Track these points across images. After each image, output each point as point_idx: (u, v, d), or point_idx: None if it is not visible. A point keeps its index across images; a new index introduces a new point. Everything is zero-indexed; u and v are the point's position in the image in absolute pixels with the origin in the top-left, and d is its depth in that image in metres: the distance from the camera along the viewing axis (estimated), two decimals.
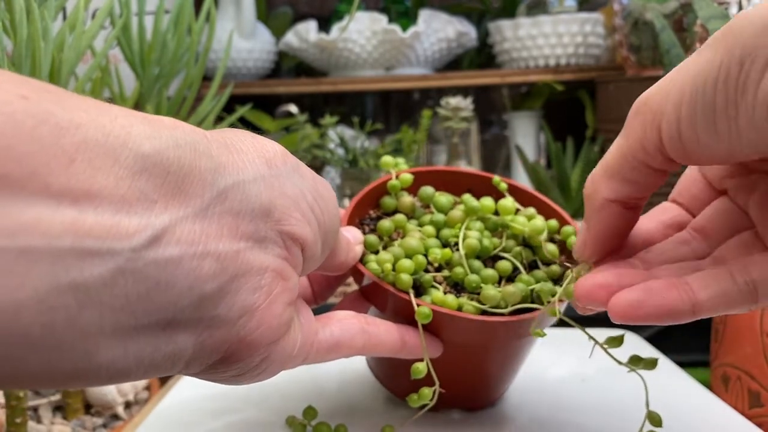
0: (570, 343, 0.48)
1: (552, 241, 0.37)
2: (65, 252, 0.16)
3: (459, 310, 0.32)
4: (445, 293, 0.33)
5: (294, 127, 0.97)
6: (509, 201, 0.37)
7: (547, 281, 0.34)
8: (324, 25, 1.05)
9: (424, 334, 0.32)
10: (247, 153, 0.22)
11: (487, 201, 0.36)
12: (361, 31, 0.98)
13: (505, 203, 0.36)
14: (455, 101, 0.94)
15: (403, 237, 0.35)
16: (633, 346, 0.50)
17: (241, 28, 1.04)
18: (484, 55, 1.18)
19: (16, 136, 0.15)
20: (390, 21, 1.00)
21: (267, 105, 1.10)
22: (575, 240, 0.30)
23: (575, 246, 0.29)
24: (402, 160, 0.39)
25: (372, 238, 0.35)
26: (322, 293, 0.36)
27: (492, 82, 1.03)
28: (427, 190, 0.38)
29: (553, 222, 0.37)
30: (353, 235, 0.33)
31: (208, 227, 0.19)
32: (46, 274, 0.15)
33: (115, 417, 0.58)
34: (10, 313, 0.15)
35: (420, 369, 0.31)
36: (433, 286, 0.34)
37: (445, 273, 0.34)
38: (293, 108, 1.01)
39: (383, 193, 0.38)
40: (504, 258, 0.35)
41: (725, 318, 0.57)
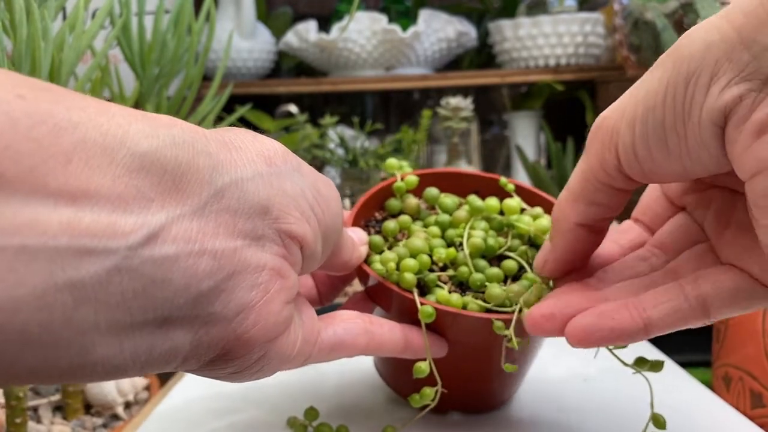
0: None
1: None
2: (62, 251, 0.16)
3: (463, 308, 0.32)
4: (450, 292, 0.33)
5: (294, 127, 0.97)
6: (514, 200, 0.36)
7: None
8: (324, 25, 1.05)
9: (428, 334, 0.32)
10: (247, 151, 0.22)
11: (492, 201, 0.36)
12: (361, 31, 0.98)
13: (510, 203, 0.36)
14: (455, 101, 0.94)
15: (408, 238, 0.35)
16: (634, 346, 0.50)
17: (241, 28, 1.04)
18: (484, 55, 1.18)
19: (13, 135, 0.15)
20: (390, 21, 1.00)
21: (267, 105, 1.10)
22: (537, 254, 0.31)
23: (536, 261, 0.30)
24: (406, 162, 0.39)
25: (377, 238, 0.35)
26: (327, 294, 0.36)
27: (492, 82, 1.03)
28: (432, 191, 0.38)
29: None
30: (358, 236, 0.33)
31: (205, 225, 0.19)
32: (43, 272, 0.16)
33: (115, 417, 0.58)
34: (8, 311, 0.15)
35: (422, 368, 0.31)
36: (438, 285, 0.34)
37: (450, 272, 0.34)
38: (293, 108, 1.01)
39: (388, 196, 0.38)
40: (509, 257, 0.35)
41: (727, 318, 0.57)
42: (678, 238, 0.28)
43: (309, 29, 1.02)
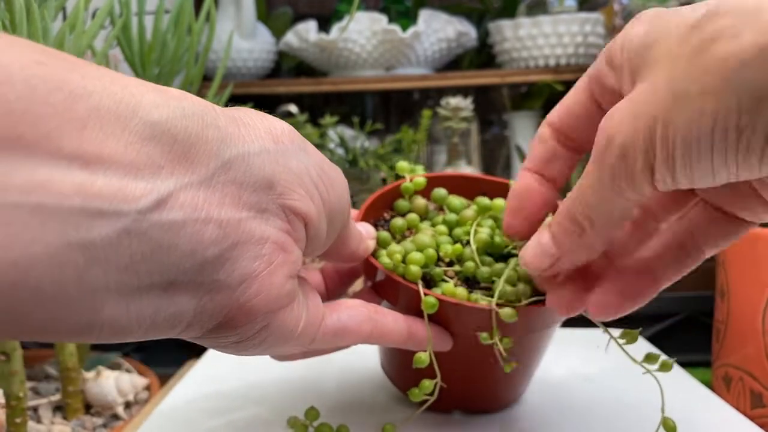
0: (571, 344, 0.48)
1: None
2: (75, 211, 0.16)
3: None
4: (456, 287, 0.33)
5: (294, 127, 0.97)
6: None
7: None
8: (324, 25, 1.05)
9: (433, 327, 0.32)
10: (255, 128, 0.23)
11: (499, 201, 0.36)
12: (361, 31, 0.98)
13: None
14: (455, 101, 0.94)
15: (416, 235, 0.36)
16: (634, 346, 0.50)
17: (241, 28, 1.04)
18: (484, 55, 1.18)
19: (31, 100, 0.16)
20: (390, 21, 0.99)
21: (267, 105, 1.10)
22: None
23: (504, 227, 0.31)
24: (420, 167, 0.39)
25: (384, 234, 0.35)
26: (335, 290, 0.36)
27: (492, 82, 1.03)
28: (440, 191, 0.38)
29: None
30: (366, 230, 0.34)
31: (211, 195, 0.20)
32: (57, 231, 0.16)
33: (115, 417, 0.58)
34: (23, 267, 0.16)
35: (422, 358, 0.31)
36: (444, 279, 0.34)
37: (457, 268, 0.35)
38: (293, 108, 1.01)
39: (397, 196, 0.39)
40: (516, 255, 0.35)
41: (727, 318, 0.57)
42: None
43: (309, 29, 1.02)
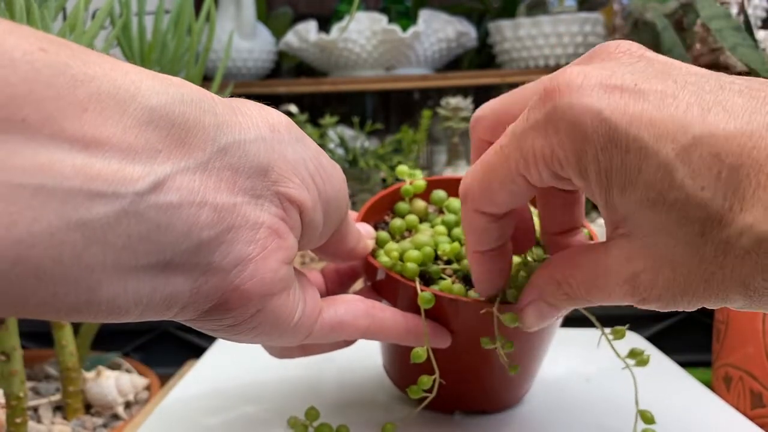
0: (571, 343, 0.48)
1: None
2: (75, 192, 0.17)
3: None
4: (454, 284, 0.34)
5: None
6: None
7: None
8: (324, 25, 1.05)
9: (431, 324, 0.32)
10: (251, 116, 0.23)
11: None
12: (361, 31, 0.98)
13: None
14: (455, 101, 0.94)
15: (415, 235, 0.36)
16: (634, 345, 0.50)
17: (242, 28, 1.04)
18: (484, 55, 1.18)
19: (35, 83, 0.17)
20: (390, 21, 0.99)
21: (267, 105, 1.10)
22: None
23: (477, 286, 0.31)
24: (419, 172, 0.39)
25: (384, 234, 0.35)
26: (335, 290, 0.36)
27: (492, 82, 1.03)
28: (440, 193, 0.39)
29: None
30: (365, 230, 0.34)
31: (207, 179, 0.20)
32: (57, 211, 0.17)
33: (116, 417, 0.58)
34: (25, 245, 0.16)
35: (419, 353, 0.32)
36: (441, 277, 0.34)
37: (455, 266, 0.35)
38: (293, 108, 1.01)
39: (397, 199, 0.39)
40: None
41: (727, 318, 0.57)
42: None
43: (309, 29, 1.02)
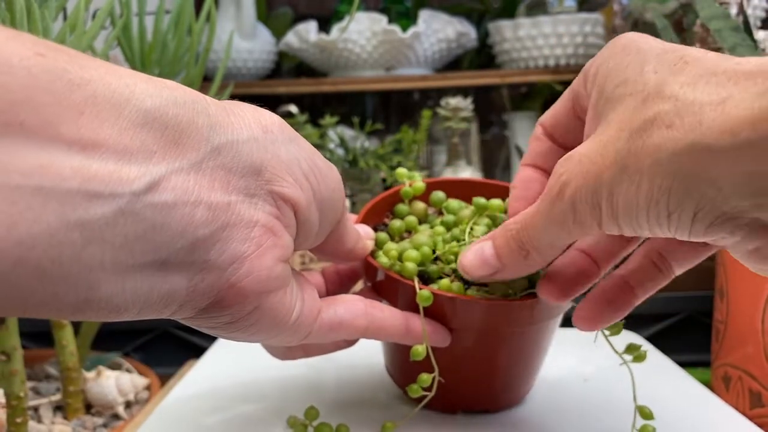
0: (569, 343, 0.48)
1: None
2: (73, 193, 0.17)
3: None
4: (452, 283, 0.34)
5: (294, 128, 0.97)
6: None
7: None
8: (324, 26, 1.05)
9: (430, 323, 0.33)
10: (244, 117, 0.23)
11: (496, 201, 0.37)
12: (361, 32, 0.98)
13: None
14: (455, 101, 0.94)
15: (414, 235, 0.36)
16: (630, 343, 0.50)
17: (242, 28, 1.04)
18: (483, 56, 1.18)
19: (33, 88, 0.17)
20: (390, 21, 0.99)
21: (267, 105, 1.09)
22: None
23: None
24: (418, 174, 0.39)
25: (383, 235, 0.36)
26: (335, 291, 0.36)
27: (492, 82, 1.03)
28: (439, 194, 0.39)
29: None
30: (364, 231, 0.34)
31: (201, 179, 0.21)
32: (57, 211, 0.17)
33: (116, 417, 0.58)
34: (26, 246, 0.17)
35: (419, 351, 0.32)
36: (440, 277, 0.34)
37: (454, 266, 0.35)
38: (293, 108, 1.01)
39: (397, 201, 0.39)
40: None
41: (726, 318, 0.57)
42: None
43: (309, 30, 1.02)
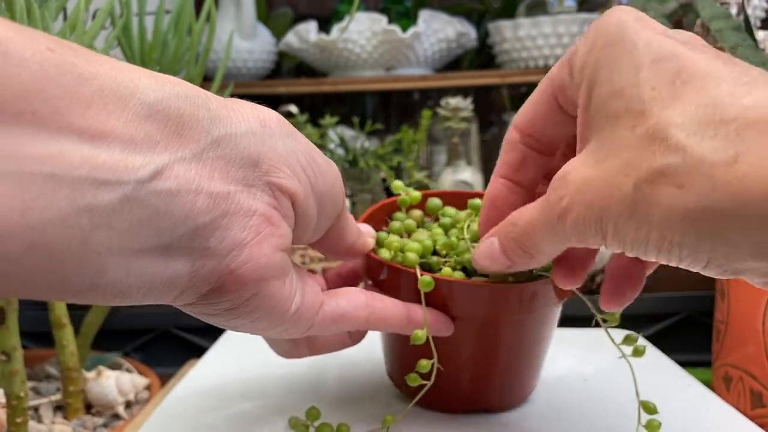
0: (568, 343, 0.48)
1: None
2: (83, 179, 0.18)
3: None
4: (454, 272, 0.34)
5: (294, 127, 0.97)
6: None
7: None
8: (324, 26, 1.05)
9: (433, 312, 0.33)
10: (243, 112, 0.24)
11: None
12: (362, 32, 0.98)
13: None
14: (455, 101, 0.94)
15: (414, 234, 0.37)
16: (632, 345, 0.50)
17: (242, 28, 1.04)
18: (483, 56, 1.18)
19: (44, 81, 0.18)
20: (390, 21, 1.00)
21: (267, 105, 1.09)
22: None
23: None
24: (414, 191, 0.40)
25: (383, 234, 0.36)
26: None
27: (492, 82, 1.03)
28: (435, 200, 0.39)
29: None
30: (366, 229, 0.35)
31: (202, 169, 0.22)
32: (67, 197, 0.18)
33: (116, 417, 0.58)
34: (38, 230, 0.18)
35: (419, 335, 0.32)
36: (441, 268, 0.35)
37: (454, 258, 0.35)
38: (293, 108, 1.01)
39: (394, 210, 0.40)
40: None
41: (727, 318, 0.57)
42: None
43: (309, 30, 1.02)
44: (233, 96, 0.27)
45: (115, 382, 0.58)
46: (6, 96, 0.17)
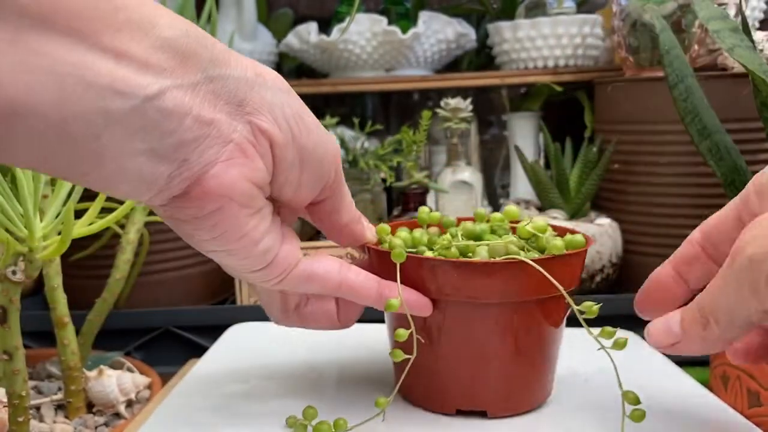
0: (567, 343, 0.48)
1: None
2: (105, 87, 0.23)
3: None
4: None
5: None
6: (514, 208, 0.38)
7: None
8: (324, 27, 1.05)
9: (411, 291, 0.34)
10: (241, 61, 0.28)
11: (496, 214, 0.39)
12: (362, 33, 0.98)
13: (511, 209, 0.38)
14: (455, 102, 0.94)
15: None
16: (631, 345, 0.50)
17: (242, 29, 1.04)
18: (483, 57, 1.18)
19: (89, 6, 0.22)
20: (390, 22, 1.00)
21: None
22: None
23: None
24: (435, 213, 0.41)
25: (383, 227, 0.38)
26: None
27: (491, 83, 1.03)
28: (450, 218, 0.41)
29: (570, 237, 0.37)
30: (369, 225, 0.37)
31: (194, 97, 0.26)
32: (92, 98, 0.23)
33: (117, 416, 0.58)
34: (64, 119, 0.22)
35: (392, 304, 0.33)
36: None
37: (445, 248, 0.36)
38: None
39: (415, 227, 0.41)
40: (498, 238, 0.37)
41: None
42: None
43: (310, 31, 1.02)
44: None
45: (116, 381, 0.58)
46: (61, 13, 0.22)
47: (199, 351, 0.69)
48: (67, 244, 0.45)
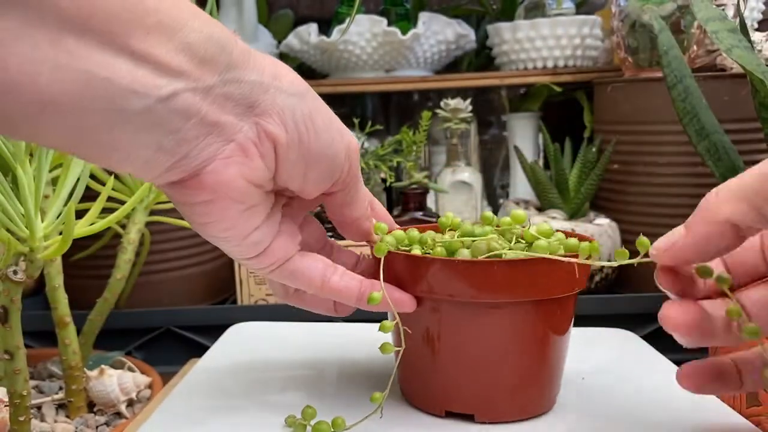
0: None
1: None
2: (124, 87, 0.24)
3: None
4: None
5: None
6: (521, 212, 0.38)
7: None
8: (324, 28, 1.05)
9: (394, 289, 0.35)
10: (259, 63, 0.29)
11: (505, 218, 0.38)
12: (362, 34, 0.99)
13: (518, 213, 0.37)
14: (454, 102, 0.94)
15: None
16: (631, 345, 0.51)
17: (243, 30, 1.04)
18: (483, 57, 1.18)
19: (123, 8, 0.24)
20: (390, 23, 1.00)
21: None
22: (664, 237, 0.30)
23: (659, 242, 0.30)
24: (456, 219, 0.41)
25: (382, 225, 0.38)
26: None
27: (491, 83, 1.03)
28: (468, 224, 0.40)
29: (574, 241, 0.36)
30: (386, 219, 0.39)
31: (205, 99, 0.27)
32: (112, 96, 0.24)
33: (118, 415, 0.59)
34: (85, 111, 0.24)
35: (374, 297, 0.34)
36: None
37: (443, 248, 0.36)
38: None
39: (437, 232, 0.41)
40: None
41: None
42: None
43: (310, 31, 1.03)
44: None
45: (117, 380, 0.58)
46: (97, 17, 0.23)
47: (200, 351, 0.69)
48: (69, 243, 0.46)
